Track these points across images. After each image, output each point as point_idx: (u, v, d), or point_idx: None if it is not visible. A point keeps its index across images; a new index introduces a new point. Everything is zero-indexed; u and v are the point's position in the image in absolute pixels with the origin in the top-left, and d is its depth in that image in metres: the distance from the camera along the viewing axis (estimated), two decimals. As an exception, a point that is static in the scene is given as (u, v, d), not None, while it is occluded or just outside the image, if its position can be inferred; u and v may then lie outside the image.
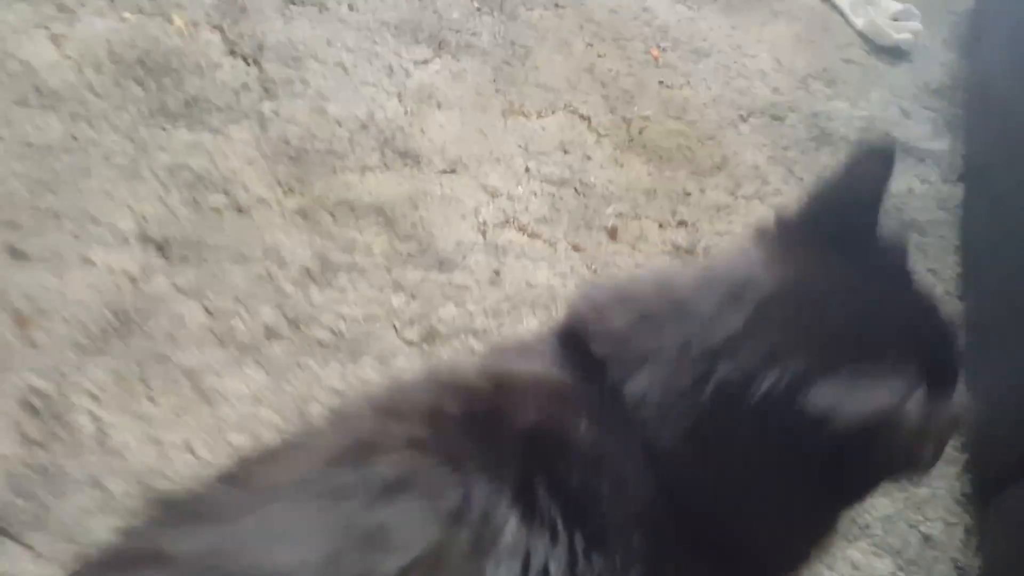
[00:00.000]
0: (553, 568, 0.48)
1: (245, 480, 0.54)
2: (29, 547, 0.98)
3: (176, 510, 0.53)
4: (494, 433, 0.53)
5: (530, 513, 0.49)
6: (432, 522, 0.47)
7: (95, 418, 1.07)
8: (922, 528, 1.28)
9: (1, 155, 1.22)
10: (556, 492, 0.50)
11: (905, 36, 1.95)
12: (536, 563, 0.47)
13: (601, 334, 0.62)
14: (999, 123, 1.76)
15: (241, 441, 1.09)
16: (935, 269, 1.64)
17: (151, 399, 1.10)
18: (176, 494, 0.55)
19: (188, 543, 0.48)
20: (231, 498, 0.52)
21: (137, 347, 1.13)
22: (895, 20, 1.98)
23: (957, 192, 1.76)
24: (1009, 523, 1.25)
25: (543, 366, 0.62)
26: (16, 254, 1.15)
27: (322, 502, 0.49)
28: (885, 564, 1.23)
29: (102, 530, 1.00)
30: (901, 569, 1.24)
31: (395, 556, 0.45)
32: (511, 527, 0.48)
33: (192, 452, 1.08)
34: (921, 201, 1.74)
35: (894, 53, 1.97)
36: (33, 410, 1.06)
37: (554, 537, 0.49)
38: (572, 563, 0.48)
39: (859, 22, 1.98)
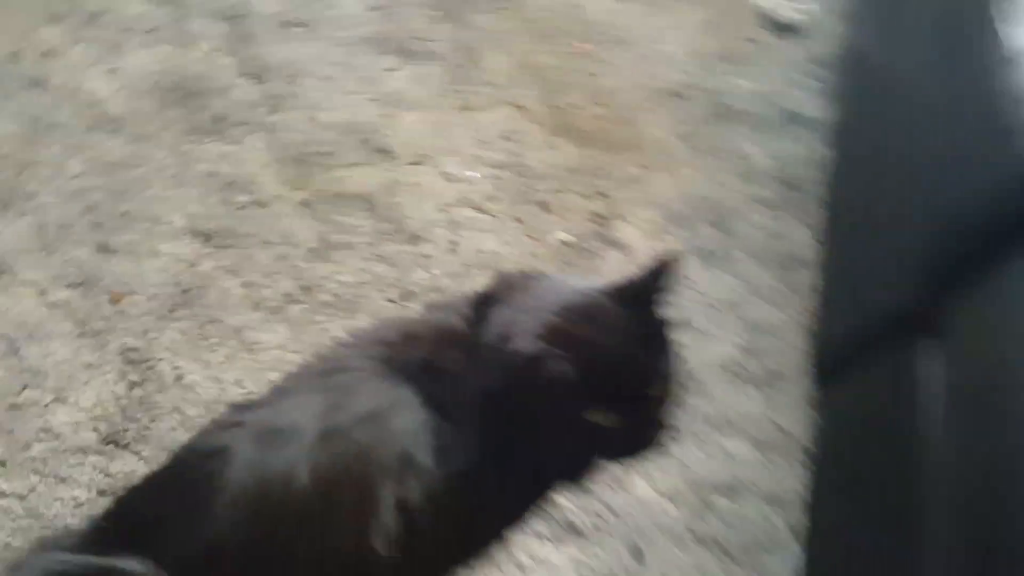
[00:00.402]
0: (421, 427, 0.92)
1: (276, 387, 1.03)
2: (137, 454, 1.42)
3: (241, 406, 1.03)
4: (400, 364, 0.96)
5: (413, 402, 0.94)
6: (372, 401, 0.93)
7: (173, 365, 1.52)
8: (780, 423, 1.57)
9: (86, 172, 1.64)
10: (425, 392, 0.94)
11: (798, 14, 2.31)
12: (417, 421, 0.92)
13: (501, 291, 1.02)
14: (860, 88, 2.08)
15: (275, 377, 1.55)
16: (808, 221, 1.96)
17: (210, 350, 1.56)
18: (239, 400, 1.07)
19: (250, 416, 0.96)
20: (269, 396, 1.01)
21: (197, 313, 1.58)
22: (792, -1, 2.34)
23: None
24: (828, 418, 1.54)
25: (449, 317, 1.03)
26: (105, 248, 1.59)
27: (318, 394, 0.95)
28: (752, 451, 1.54)
29: (185, 441, 1.45)
30: (765, 455, 1.53)
31: (354, 415, 0.92)
32: (405, 406, 0.93)
33: (241, 386, 1.53)
34: (802, 163, 2.08)
35: (790, 30, 2.31)
36: (131, 361, 1.51)
37: (423, 413, 0.93)
38: (434, 427, 0.92)
39: (760, 2, 2.34)
